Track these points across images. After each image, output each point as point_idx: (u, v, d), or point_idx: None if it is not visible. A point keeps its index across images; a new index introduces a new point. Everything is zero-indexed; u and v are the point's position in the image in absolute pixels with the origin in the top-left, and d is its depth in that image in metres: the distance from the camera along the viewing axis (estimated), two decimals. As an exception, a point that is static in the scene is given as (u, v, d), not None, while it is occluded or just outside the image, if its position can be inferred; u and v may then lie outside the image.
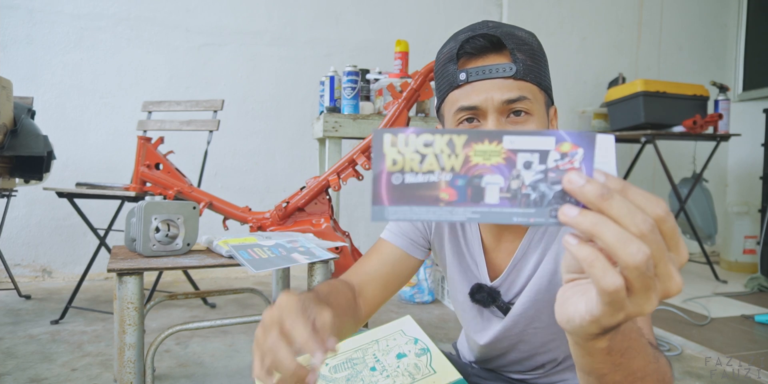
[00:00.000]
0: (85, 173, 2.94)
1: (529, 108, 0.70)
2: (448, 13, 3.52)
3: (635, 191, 0.35)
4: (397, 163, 0.37)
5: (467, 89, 0.71)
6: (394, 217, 0.37)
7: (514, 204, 0.36)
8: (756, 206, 3.37)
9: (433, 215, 0.37)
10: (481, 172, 0.36)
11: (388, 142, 0.37)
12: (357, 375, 0.72)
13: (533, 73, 0.70)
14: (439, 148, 0.36)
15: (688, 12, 4.01)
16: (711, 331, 2.18)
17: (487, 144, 0.36)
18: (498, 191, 0.36)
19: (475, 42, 0.70)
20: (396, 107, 1.81)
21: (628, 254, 0.33)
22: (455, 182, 0.36)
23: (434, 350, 0.74)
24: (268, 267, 1.24)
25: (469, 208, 0.36)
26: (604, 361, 0.45)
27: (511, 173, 0.36)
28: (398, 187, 0.37)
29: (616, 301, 0.35)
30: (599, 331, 0.39)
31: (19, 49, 2.89)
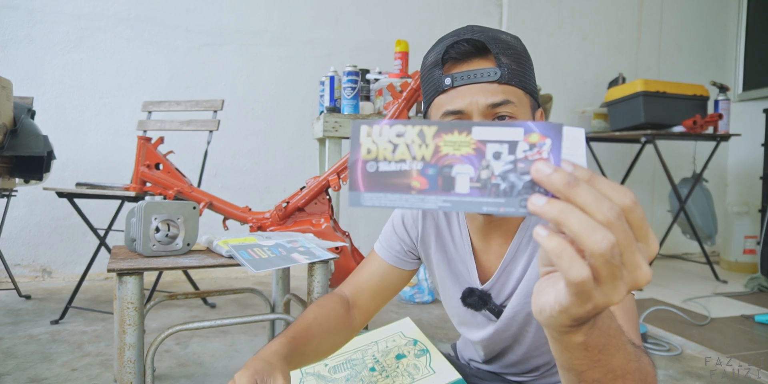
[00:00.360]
0: (85, 173, 2.94)
1: (514, 111, 0.71)
2: (448, 13, 3.52)
3: (603, 181, 0.36)
4: (372, 152, 0.38)
5: (452, 94, 0.71)
6: (369, 203, 0.39)
7: (484, 193, 0.37)
8: (756, 206, 3.37)
9: (405, 202, 0.38)
10: (451, 161, 0.37)
11: (365, 133, 0.39)
12: (356, 375, 0.72)
13: (518, 77, 0.71)
14: (410, 138, 0.38)
15: (688, 12, 4.01)
16: (711, 331, 2.18)
17: (457, 135, 0.37)
18: (468, 181, 0.37)
19: (460, 47, 0.71)
20: (396, 107, 1.81)
21: (594, 242, 0.33)
22: (426, 171, 0.37)
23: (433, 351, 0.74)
24: (268, 267, 1.24)
25: (441, 197, 0.37)
26: (582, 357, 0.45)
27: (481, 163, 0.37)
28: (373, 175, 0.38)
29: (584, 291, 0.35)
30: (570, 322, 0.40)
31: (19, 49, 2.89)
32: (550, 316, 0.39)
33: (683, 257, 3.83)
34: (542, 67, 3.65)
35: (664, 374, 1.77)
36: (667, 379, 1.74)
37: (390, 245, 0.92)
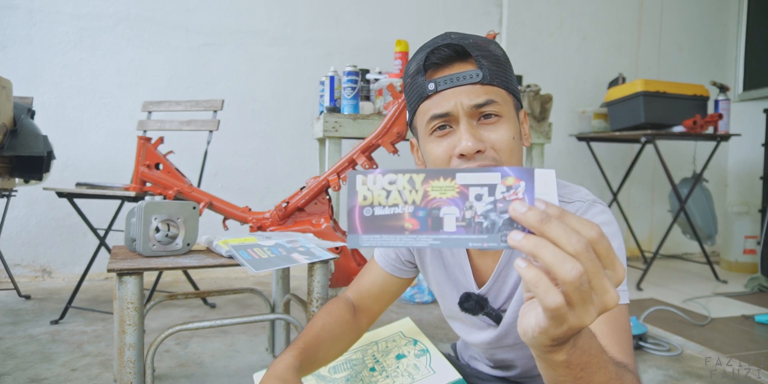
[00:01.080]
0: (85, 173, 2.94)
1: (499, 110, 0.72)
2: (448, 13, 3.52)
3: (572, 217, 0.40)
4: (367, 198, 0.44)
5: (437, 98, 0.72)
6: (368, 244, 0.43)
7: (469, 231, 0.42)
8: (756, 206, 3.37)
9: (400, 242, 0.43)
10: (438, 204, 0.42)
11: (360, 182, 0.44)
12: (356, 375, 0.72)
13: (499, 77, 0.73)
14: (401, 185, 0.43)
15: (688, 12, 4.01)
16: (711, 331, 2.18)
17: (442, 180, 0.42)
18: (454, 220, 0.42)
19: (440, 52, 0.72)
20: (396, 107, 1.81)
21: (564, 271, 0.38)
22: (417, 213, 0.42)
23: (433, 351, 0.74)
24: (268, 267, 1.24)
25: (431, 236, 0.42)
26: (565, 374, 0.48)
27: (465, 205, 0.42)
28: (369, 219, 0.43)
29: (559, 315, 0.40)
30: (550, 343, 0.44)
31: (19, 49, 2.89)
32: (533, 337, 0.43)
33: (683, 257, 3.83)
34: (542, 67, 3.65)
35: (664, 374, 1.77)
36: (667, 379, 1.74)
37: (387, 254, 0.94)
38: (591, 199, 0.76)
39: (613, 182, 3.72)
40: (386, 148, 1.82)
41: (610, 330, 0.66)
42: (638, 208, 3.94)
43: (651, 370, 1.81)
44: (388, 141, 1.81)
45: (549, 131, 2.50)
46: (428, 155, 0.76)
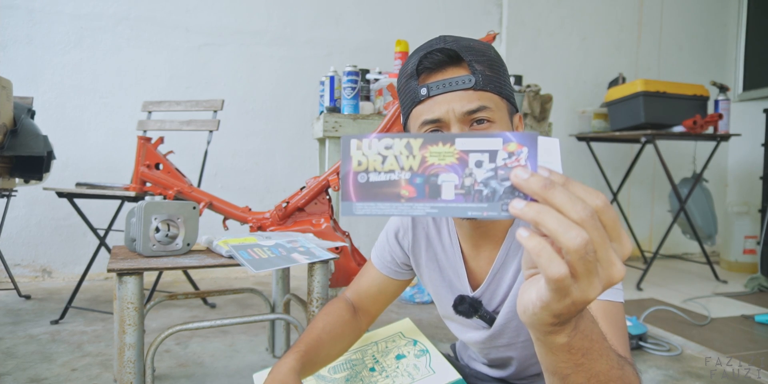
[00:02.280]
0: (85, 173, 2.94)
1: (491, 116, 0.71)
2: (448, 13, 3.52)
3: (577, 184, 0.38)
4: (362, 164, 0.41)
5: (429, 103, 0.72)
6: (361, 212, 0.41)
7: (468, 199, 0.40)
8: (756, 206, 3.37)
9: (395, 210, 0.41)
10: (436, 171, 0.40)
11: (354, 146, 0.42)
12: (356, 375, 0.72)
13: (492, 82, 0.71)
14: (398, 150, 0.41)
15: (688, 12, 4.01)
16: (711, 331, 2.18)
17: (441, 146, 0.40)
18: (453, 188, 0.40)
19: (433, 57, 0.71)
20: (396, 107, 1.81)
21: (568, 239, 0.36)
22: (414, 180, 0.41)
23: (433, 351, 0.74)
24: (268, 267, 1.24)
25: (428, 204, 0.40)
26: (566, 359, 0.46)
27: (464, 172, 0.40)
28: (364, 185, 0.41)
29: (562, 287, 0.38)
30: (552, 320, 0.42)
31: (19, 49, 2.89)
32: (533, 313, 0.42)
33: (683, 257, 3.83)
34: (542, 67, 3.65)
35: (664, 374, 1.77)
36: (667, 379, 1.74)
37: (383, 256, 0.95)
38: None
39: (613, 182, 3.72)
40: (386, 148, 1.81)
41: (609, 325, 0.65)
42: (638, 208, 3.94)
43: (651, 370, 1.81)
44: (388, 141, 1.81)
45: (549, 131, 2.50)
46: None
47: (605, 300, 0.67)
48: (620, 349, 0.64)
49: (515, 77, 2.72)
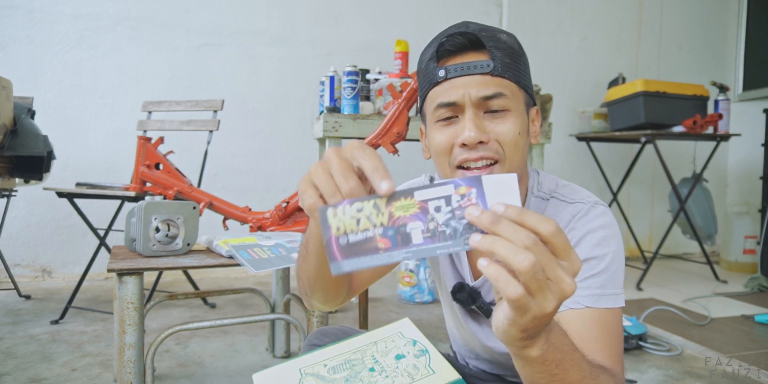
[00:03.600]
0: (85, 173, 2.94)
1: (507, 104, 0.70)
2: (448, 13, 3.52)
3: (531, 214, 0.43)
4: (340, 228, 0.47)
5: (446, 86, 0.71)
6: (348, 269, 0.47)
7: (435, 240, 0.46)
8: (756, 206, 3.37)
9: (377, 261, 0.47)
10: (404, 221, 0.46)
11: (331, 214, 0.47)
12: (356, 375, 0.72)
13: (511, 70, 0.71)
14: (368, 211, 0.47)
15: (688, 12, 4.00)
16: (711, 331, 2.18)
17: (403, 200, 0.46)
18: (420, 233, 0.46)
19: (455, 40, 0.71)
20: (396, 107, 1.81)
21: (518, 262, 0.41)
22: (387, 233, 0.46)
23: (433, 351, 0.74)
24: (268, 267, 1.24)
25: (402, 250, 0.46)
26: (541, 371, 0.51)
27: (427, 218, 0.46)
28: (346, 247, 0.47)
29: (521, 305, 0.43)
30: (521, 335, 0.47)
31: (19, 49, 2.89)
32: (504, 331, 0.47)
33: (683, 257, 3.83)
34: (542, 67, 3.65)
35: (664, 374, 1.77)
36: (667, 379, 1.74)
37: None
38: (593, 200, 0.76)
39: (613, 182, 3.72)
40: (386, 148, 1.82)
41: (600, 334, 0.67)
42: (638, 208, 3.94)
43: (651, 370, 1.81)
44: (388, 141, 1.81)
45: (549, 131, 2.50)
46: (431, 142, 0.75)
47: (599, 308, 0.69)
48: (610, 358, 0.66)
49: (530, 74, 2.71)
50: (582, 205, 0.74)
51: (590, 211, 0.73)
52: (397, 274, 2.67)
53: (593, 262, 0.70)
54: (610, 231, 0.72)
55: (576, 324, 0.68)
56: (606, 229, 0.72)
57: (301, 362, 0.76)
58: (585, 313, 0.68)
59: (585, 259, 0.70)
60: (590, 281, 0.70)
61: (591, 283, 0.69)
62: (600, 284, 0.69)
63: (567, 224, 0.73)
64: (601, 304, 0.69)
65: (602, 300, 0.69)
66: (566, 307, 0.69)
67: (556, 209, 0.76)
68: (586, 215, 0.73)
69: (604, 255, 0.70)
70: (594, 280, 0.70)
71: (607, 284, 0.70)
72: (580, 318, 0.68)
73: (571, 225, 0.73)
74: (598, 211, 0.73)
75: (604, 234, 0.71)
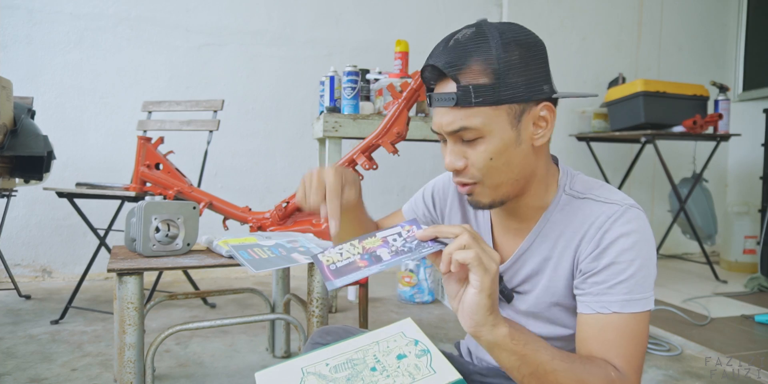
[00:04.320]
0: (85, 173, 2.94)
1: (476, 134, 0.72)
2: (448, 13, 3.52)
3: (445, 227, 0.66)
4: (329, 260, 0.69)
5: (434, 112, 0.77)
6: (341, 284, 0.66)
7: (399, 255, 0.67)
8: (756, 206, 3.37)
9: (361, 274, 0.66)
10: (374, 249, 0.69)
11: (321, 256, 0.70)
12: (357, 375, 0.73)
13: (483, 94, 0.69)
14: (347, 249, 0.70)
15: (688, 12, 4.01)
16: (711, 331, 2.18)
17: (370, 239, 0.70)
18: (387, 253, 0.68)
19: (425, 73, 0.75)
20: (396, 107, 1.81)
21: (459, 240, 0.63)
22: (364, 257, 0.68)
23: (434, 351, 0.74)
24: (268, 267, 1.24)
25: (377, 266, 0.66)
26: (512, 353, 0.64)
27: (390, 245, 0.69)
28: (335, 270, 0.67)
29: (479, 262, 0.62)
30: (488, 301, 0.63)
31: (19, 49, 2.89)
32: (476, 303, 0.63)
33: (683, 257, 3.83)
34: (542, 67, 3.65)
35: (664, 374, 1.77)
36: (667, 379, 1.74)
37: (416, 209, 1.01)
38: (629, 203, 0.76)
39: (613, 182, 3.72)
40: (386, 148, 1.82)
41: (621, 339, 0.71)
42: (638, 208, 3.94)
43: (651, 370, 1.81)
44: (388, 141, 1.81)
45: (549, 131, 2.50)
46: None
47: (626, 313, 0.71)
48: (618, 357, 0.70)
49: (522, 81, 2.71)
50: (618, 207, 0.75)
51: (625, 213, 0.74)
52: (397, 274, 2.67)
53: (622, 266, 0.72)
54: (641, 235, 0.73)
55: (600, 328, 0.72)
56: (638, 233, 0.73)
57: (303, 361, 0.76)
58: (612, 318, 0.71)
59: (614, 263, 0.72)
60: (619, 287, 0.72)
61: (620, 289, 0.71)
62: (628, 290, 0.71)
63: (602, 225, 0.74)
64: (629, 309, 0.71)
65: (629, 305, 0.71)
66: (594, 311, 0.72)
67: (591, 208, 0.77)
68: (620, 218, 0.74)
69: (633, 260, 0.72)
70: (623, 285, 0.71)
71: (635, 289, 0.72)
72: (606, 323, 0.71)
73: (606, 226, 0.74)
74: (632, 215, 0.74)
75: (636, 238, 0.73)
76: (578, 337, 0.75)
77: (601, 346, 0.71)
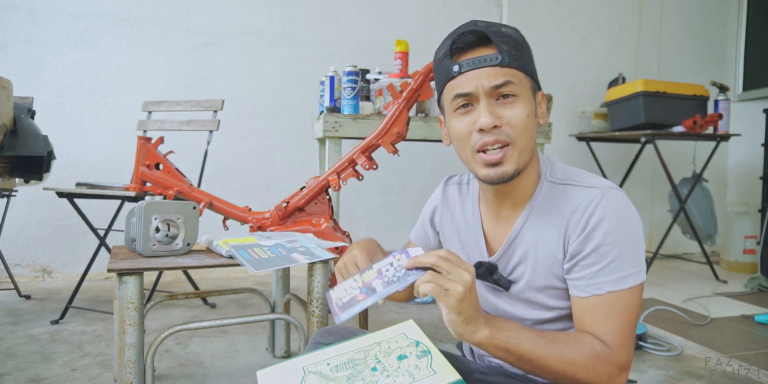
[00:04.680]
0: (85, 173, 2.94)
1: (515, 90, 0.79)
2: (448, 13, 3.52)
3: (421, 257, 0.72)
4: (338, 297, 0.78)
5: (461, 79, 0.80)
6: (346, 317, 0.73)
7: (389, 285, 0.73)
8: (756, 206, 3.37)
9: (360, 307, 0.73)
10: (370, 282, 0.76)
11: (332, 292, 0.79)
12: (358, 374, 0.73)
13: (517, 61, 0.80)
14: (351, 283, 0.78)
15: (688, 12, 4.01)
16: (711, 331, 2.18)
17: (368, 272, 0.78)
18: (381, 284, 0.74)
19: (465, 38, 0.80)
20: (396, 107, 1.81)
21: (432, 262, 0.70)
22: (362, 291, 0.76)
23: (435, 352, 0.75)
24: (268, 267, 1.24)
25: (372, 297, 0.73)
26: (496, 349, 0.72)
27: (383, 275, 0.76)
28: (342, 306, 0.75)
29: (439, 292, 0.68)
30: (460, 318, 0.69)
31: (19, 49, 2.89)
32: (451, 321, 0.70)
33: (683, 257, 3.83)
34: (542, 67, 3.61)
35: (664, 374, 1.77)
36: (667, 379, 1.74)
37: (425, 234, 1.06)
38: (608, 185, 0.82)
39: (613, 182, 3.72)
40: (386, 148, 1.82)
41: (606, 314, 0.77)
42: (638, 208, 3.87)
43: (651, 370, 1.81)
44: (388, 141, 1.81)
45: (549, 131, 2.50)
46: (452, 130, 0.84)
47: (620, 290, 0.76)
48: (607, 334, 0.76)
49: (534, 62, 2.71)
50: (599, 191, 0.80)
51: (605, 195, 0.79)
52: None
53: (609, 247, 0.77)
54: (624, 214, 0.78)
55: (592, 309, 0.77)
56: (621, 213, 0.78)
57: (305, 360, 0.77)
58: (606, 297, 0.77)
59: (602, 244, 0.77)
60: (610, 267, 0.77)
61: (610, 269, 0.77)
62: (618, 268, 0.77)
63: (586, 208, 0.79)
64: (621, 286, 0.77)
65: (621, 282, 0.77)
66: (590, 293, 0.78)
67: (573, 193, 0.82)
68: (602, 200, 0.79)
69: (619, 239, 0.77)
70: (613, 265, 0.77)
71: (625, 266, 0.77)
72: (599, 303, 0.77)
73: (590, 209, 0.79)
74: (613, 196, 0.80)
75: (619, 218, 0.78)
76: (574, 317, 0.81)
77: (592, 325, 0.77)
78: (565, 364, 0.72)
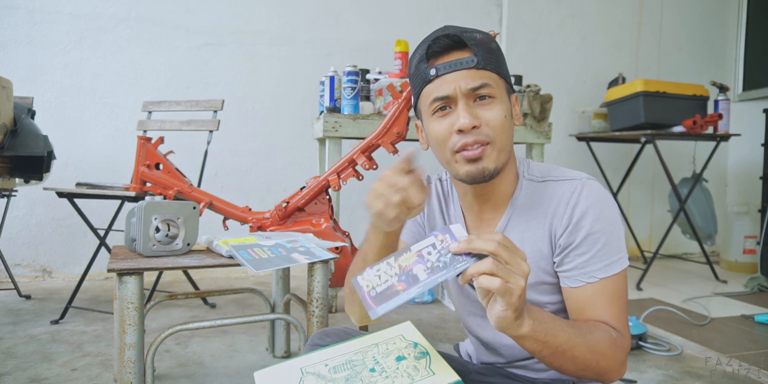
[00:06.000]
0: (85, 173, 2.94)
1: (492, 92, 0.80)
2: (448, 13, 3.52)
3: (482, 234, 0.63)
4: (369, 285, 0.65)
5: (438, 82, 0.81)
6: (383, 312, 0.63)
7: (435, 273, 0.63)
8: (756, 206, 3.37)
9: (400, 299, 0.63)
10: (410, 267, 0.65)
11: (360, 279, 0.66)
12: (356, 375, 0.73)
13: (492, 63, 0.81)
14: (384, 269, 0.66)
15: (688, 12, 4.00)
16: (711, 331, 2.18)
17: (405, 255, 0.66)
18: (424, 271, 0.64)
19: (440, 42, 0.81)
20: (396, 107, 1.81)
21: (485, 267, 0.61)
22: (401, 278, 0.64)
23: (433, 353, 0.75)
24: (268, 267, 1.24)
25: (415, 287, 0.63)
26: (535, 341, 0.68)
27: (425, 260, 0.65)
28: (376, 297, 0.64)
29: (506, 290, 0.61)
30: (514, 314, 0.63)
31: (19, 49, 2.89)
32: (503, 318, 0.63)
33: (683, 257, 3.83)
34: (542, 67, 3.65)
35: (664, 374, 1.77)
36: (667, 379, 1.74)
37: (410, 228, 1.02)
38: (585, 176, 0.85)
39: (613, 182, 3.72)
40: (386, 148, 1.82)
41: (605, 300, 0.79)
42: (638, 208, 3.94)
43: (651, 370, 1.81)
44: (388, 141, 1.81)
45: (549, 131, 2.50)
46: (431, 133, 0.84)
47: (611, 275, 0.79)
48: (613, 319, 0.78)
49: (515, 77, 2.71)
50: (578, 182, 0.83)
51: (585, 186, 0.82)
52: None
53: (596, 235, 0.80)
54: (604, 203, 0.82)
55: (590, 297, 0.79)
56: (602, 202, 0.81)
57: (303, 361, 0.76)
58: (598, 285, 0.79)
59: (590, 233, 0.80)
60: (599, 255, 0.79)
61: (600, 257, 0.79)
62: (607, 255, 0.80)
63: (569, 200, 0.82)
64: (611, 271, 0.79)
65: (610, 268, 0.80)
66: (583, 282, 0.80)
67: (554, 188, 0.85)
68: (583, 191, 0.82)
69: (604, 227, 0.80)
70: (602, 252, 0.79)
71: (611, 252, 0.80)
72: (595, 290, 0.79)
73: (573, 201, 0.82)
74: (592, 186, 0.83)
75: (601, 207, 0.81)
76: (571, 309, 0.82)
77: (594, 313, 0.79)
78: (593, 354, 0.72)
